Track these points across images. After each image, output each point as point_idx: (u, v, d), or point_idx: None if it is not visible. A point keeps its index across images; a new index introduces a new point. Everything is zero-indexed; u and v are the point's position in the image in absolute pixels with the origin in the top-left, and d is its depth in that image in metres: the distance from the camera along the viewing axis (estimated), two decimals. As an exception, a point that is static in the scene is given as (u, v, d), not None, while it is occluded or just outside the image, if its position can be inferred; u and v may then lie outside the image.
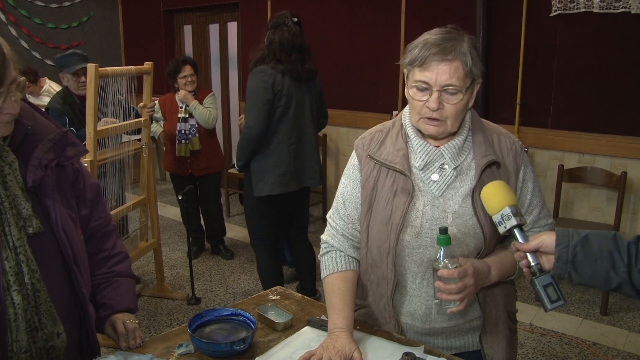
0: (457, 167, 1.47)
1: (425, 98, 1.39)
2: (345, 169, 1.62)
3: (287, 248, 4.07)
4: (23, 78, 1.23)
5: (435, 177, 1.47)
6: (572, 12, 3.81)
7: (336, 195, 1.64)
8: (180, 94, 4.23)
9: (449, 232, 1.34)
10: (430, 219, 1.45)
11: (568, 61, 3.91)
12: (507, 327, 1.58)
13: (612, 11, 3.64)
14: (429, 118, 1.41)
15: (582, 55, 3.84)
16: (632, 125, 3.71)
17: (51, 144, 1.31)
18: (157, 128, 4.48)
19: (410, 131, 1.51)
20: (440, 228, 1.33)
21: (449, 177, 1.46)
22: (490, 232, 1.43)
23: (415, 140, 1.49)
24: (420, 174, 1.48)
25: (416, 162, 1.48)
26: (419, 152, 1.48)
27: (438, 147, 1.48)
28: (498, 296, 1.55)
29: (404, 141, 1.51)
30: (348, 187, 1.58)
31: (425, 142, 1.48)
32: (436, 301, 1.38)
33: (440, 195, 1.46)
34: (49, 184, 1.29)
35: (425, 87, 1.38)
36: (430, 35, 1.39)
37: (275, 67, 3.11)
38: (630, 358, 3.04)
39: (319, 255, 1.64)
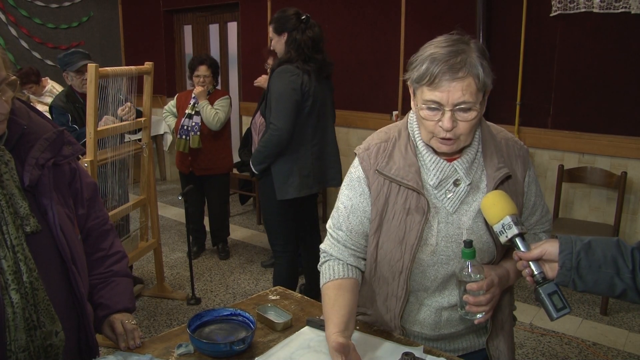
0: (471, 182, 1.42)
1: (437, 118, 1.32)
2: (348, 180, 1.52)
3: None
4: (14, 77, 1.23)
5: (449, 194, 1.42)
6: (572, 12, 3.81)
7: (337, 206, 1.54)
8: (197, 90, 4.24)
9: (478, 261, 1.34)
10: (445, 237, 1.41)
11: (568, 61, 3.91)
12: (511, 327, 1.59)
13: (612, 11, 3.64)
14: (443, 138, 1.34)
15: (582, 55, 3.84)
16: (632, 125, 3.71)
17: (47, 143, 1.32)
18: (172, 121, 4.54)
19: (420, 145, 1.44)
20: (465, 241, 1.31)
21: (462, 192, 1.42)
22: (501, 246, 1.41)
23: (427, 156, 1.42)
24: (434, 191, 1.42)
25: (430, 179, 1.41)
26: (432, 169, 1.41)
27: (451, 161, 1.41)
28: (504, 299, 1.54)
29: (414, 154, 1.43)
30: (354, 200, 1.49)
31: (438, 158, 1.41)
32: (462, 311, 1.36)
33: (455, 212, 1.42)
34: (45, 183, 1.29)
35: (437, 107, 1.31)
36: (437, 49, 1.30)
37: (302, 67, 3.00)
38: (631, 358, 3.04)
39: (318, 266, 1.57)
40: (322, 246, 1.57)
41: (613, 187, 3.72)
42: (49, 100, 4.95)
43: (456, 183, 1.41)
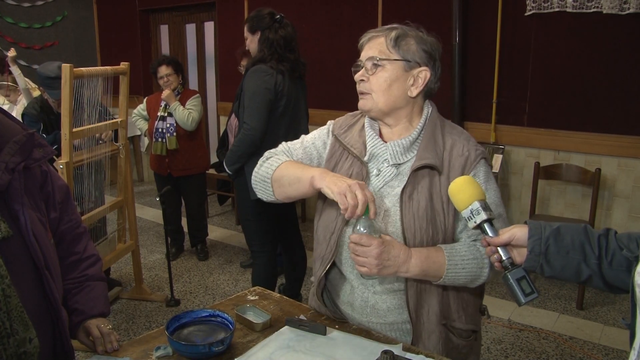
0: (397, 165, 1.48)
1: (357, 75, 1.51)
2: (319, 129, 1.69)
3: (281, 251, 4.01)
4: None
5: (376, 171, 1.51)
6: (546, 11, 3.86)
7: (301, 137, 1.71)
8: (164, 94, 4.21)
9: (381, 229, 1.40)
10: None
11: (543, 60, 3.97)
12: (445, 342, 1.50)
13: (584, 11, 3.70)
14: (360, 93, 1.51)
15: (556, 54, 3.90)
16: (605, 122, 3.78)
17: (17, 146, 1.28)
18: (143, 125, 4.49)
19: (366, 123, 1.58)
20: None
21: (387, 174, 1.48)
22: (412, 240, 1.41)
23: (368, 132, 1.55)
24: (369, 164, 1.52)
25: (366, 153, 1.53)
26: (369, 145, 1.53)
27: (386, 142, 1.51)
28: (431, 305, 1.48)
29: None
30: (316, 142, 1.65)
31: (376, 136, 1.53)
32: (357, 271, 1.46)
33: (378, 190, 1.48)
34: (16, 187, 1.26)
35: (358, 66, 1.51)
36: None
37: (275, 67, 2.99)
38: (606, 351, 3.10)
39: (261, 161, 1.67)
40: (268, 152, 1.70)
41: (588, 184, 3.78)
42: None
43: (383, 163, 1.50)
